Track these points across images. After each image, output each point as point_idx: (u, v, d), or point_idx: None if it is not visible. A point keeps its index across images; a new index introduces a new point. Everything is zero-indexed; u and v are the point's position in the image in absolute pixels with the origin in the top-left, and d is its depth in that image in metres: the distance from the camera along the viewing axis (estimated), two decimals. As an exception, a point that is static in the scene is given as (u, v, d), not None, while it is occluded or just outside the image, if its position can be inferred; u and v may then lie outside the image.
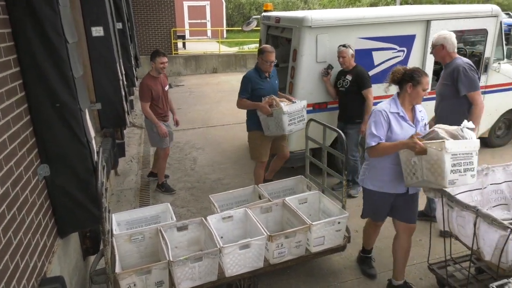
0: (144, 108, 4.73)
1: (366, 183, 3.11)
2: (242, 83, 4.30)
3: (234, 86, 11.50)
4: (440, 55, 3.75)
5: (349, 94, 4.58)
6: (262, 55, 4.20)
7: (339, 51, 4.52)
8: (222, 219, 3.33)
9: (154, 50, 4.80)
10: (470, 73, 3.58)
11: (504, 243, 2.47)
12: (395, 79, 2.92)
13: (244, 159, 6.14)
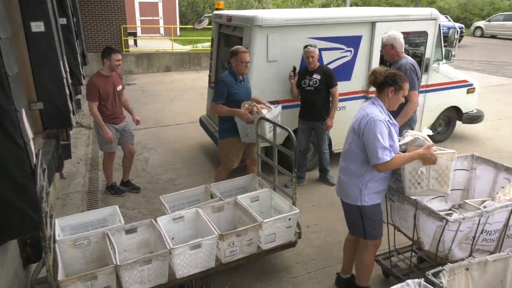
0: (91, 108, 4.47)
1: (364, 201, 2.79)
2: (217, 87, 4.10)
3: (188, 85, 11.38)
4: (389, 54, 4.04)
5: (318, 93, 4.71)
6: (236, 56, 4.00)
7: (308, 51, 4.60)
8: (173, 220, 3.28)
9: (105, 47, 4.55)
10: (410, 73, 3.89)
11: (440, 233, 2.63)
12: (377, 81, 2.74)
13: (197, 158, 6.08)
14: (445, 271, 2.06)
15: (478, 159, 3.47)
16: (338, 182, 2.97)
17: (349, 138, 2.82)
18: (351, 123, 2.83)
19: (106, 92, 4.44)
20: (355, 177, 2.79)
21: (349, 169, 2.82)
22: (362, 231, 2.92)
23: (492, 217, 2.69)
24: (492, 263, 2.24)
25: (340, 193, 2.95)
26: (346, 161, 2.86)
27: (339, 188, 2.96)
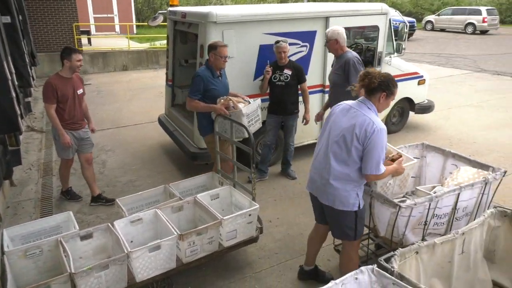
0: (48, 111, 4.15)
1: (361, 204, 2.74)
2: (194, 82, 3.96)
3: (146, 84, 11.12)
4: (333, 48, 4.25)
5: (289, 88, 4.77)
6: (215, 51, 3.88)
7: (281, 46, 4.63)
8: (131, 222, 3.20)
9: (65, 47, 4.25)
10: (358, 66, 4.12)
11: (394, 219, 2.73)
12: (371, 85, 2.61)
13: (157, 158, 5.97)
14: (397, 256, 2.14)
15: (427, 147, 3.63)
16: (327, 190, 2.73)
17: (349, 144, 2.59)
18: (346, 127, 2.62)
19: (64, 94, 4.14)
20: (354, 183, 2.67)
21: (350, 176, 2.64)
22: (353, 233, 2.81)
23: (441, 202, 2.83)
24: (440, 245, 2.35)
25: (333, 201, 2.72)
26: (344, 168, 2.64)
27: (331, 196, 2.72)
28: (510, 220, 2.71)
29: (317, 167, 2.84)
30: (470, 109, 8.36)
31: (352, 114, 2.64)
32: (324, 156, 2.76)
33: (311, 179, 2.92)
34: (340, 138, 2.64)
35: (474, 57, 15.39)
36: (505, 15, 28.86)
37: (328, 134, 2.76)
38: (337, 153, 2.66)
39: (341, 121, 2.68)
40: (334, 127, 2.72)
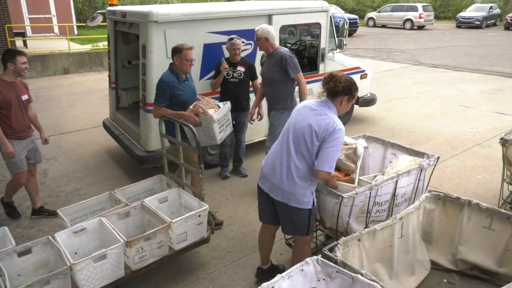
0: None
1: (315, 202, 2.80)
2: (159, 89, 3.75)
3: (90, 87, 10.66)
4: (264, 46, 4.36)
5: (242, 85, 4.80)
6: (180, 54, 3.71)
7: (235, 43, 4.62)
8: (74, 233, 3.06)
9: (7, 49, 3.92)
10: (294, 59, 4.31)
11: (338, 209, 2.82)
12: (336, 89, 2.66)
13: (104, 164, 5.75)
14: (340, 245, 2.22)
15: (369, 138, 3.79)
16: (283, 187, 2.74)
17: (308, 142, 2.63)
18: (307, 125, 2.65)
19: (7, 100, 3.80)
20: (309, 181, 2.72)
21: (306, 173, 2.69)
22: (306, 230, 2.85)
23: (381, 190, 2.96)
24: (380, 231, 2.47)
25: (288, 199, 2.74)
26: (305, 166, 2.68)
27: (286, 193, 2.74)
28: (444, 203, 2.90)
29: (272, 163, 2.82)
30: (410, 101, 8.83)
31: (313, 113, 2.69)
32: (285, 153, 2.75)
33: (265, 175, 2.88)
34: (300, 135, 2.68)
35: (413, 51, 16.27)
36: (439, 11, 30.76)
37: (288, 132, 2.77)
38: (298, 151, 2.69)
39: (302, 120, 2.71)
40: (295, 125, 2.74)
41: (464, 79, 10.86)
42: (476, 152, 5.90)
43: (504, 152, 3.79)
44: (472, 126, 7.02)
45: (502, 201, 4.16)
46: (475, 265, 2.78)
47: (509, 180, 3.92)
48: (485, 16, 24.98)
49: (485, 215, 2.70)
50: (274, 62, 4.30)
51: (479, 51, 15.78)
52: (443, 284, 2.73)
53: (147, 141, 4.79)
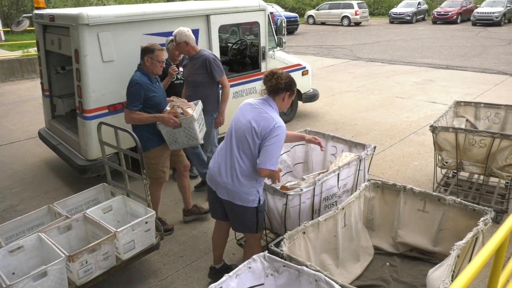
0: None
1: (261, 200, 2.80)
2: (132, 92, 3.52)
3: (23, 96, 9.99)
4: (185, 50, 4.23)
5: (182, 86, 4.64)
6: (151, 54, 3.52)
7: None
8: (10, 252, 2.86)
9: None
10: (218, 61, 4.29)
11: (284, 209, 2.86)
12: (278, 86, 2.69)
13: (42, 177, 5.43)
14: (285, 239, 2.26)
15: (310, 132, 3.90)
16: (228, 186, 2.74)
17: (249, 140, 2.65)
18: (247, 123, 2.66)
19: None
20: (254, 180, 2.72)
21: (250, 172, 2.69)
22: (255, 227, 2.85)
23: (326, 184, 3.06)
24: (324, 222, 2.56)
25: (234, 197, 2.74)
26: (249, 164, 2.68)
27: (231, 192, 2.74)
28: (382, 190, 3.06)
29: (218, 162, 2.83)
30: (351, 94, 9.20)
31: (254, 111, 2.70)
32: (229, 153, 2.76)
33: (211, 175, 2.88)
34: (242, 134, 2.69)
35: (351, 46, 16.96)
36: (373, 7, 32.31)
37: (231, 131, 2.78)
38: (240, 149, 2.70)
39: (243, 118, 2.73)
40: (238, 124, 2.74)
41: (398, 72, 11.51)
42: (412, 140, 6.28)
43: (435, 138, 4.07)
44: (408, 115, 7.46)
45: (437, 184, 4.48)
46: (413, 247, 2.97)
47: (440, 164, 4.22)
48: (414, 11, 26.61)
49: (419, 198, 2.89)
50: (199, 65, 4.21)
51: (411, 45, 16.80)
52: (386, 268, 2.88)
53: (88, 149, 4.58)
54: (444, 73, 11.16)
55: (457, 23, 24.61)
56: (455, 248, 2.13)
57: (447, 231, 2.78)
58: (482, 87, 9.24)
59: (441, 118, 4.32)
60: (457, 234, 2.66)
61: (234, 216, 2.90)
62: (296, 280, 2.01)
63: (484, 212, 2.55)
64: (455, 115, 4.83)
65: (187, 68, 4.37)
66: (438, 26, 24.23)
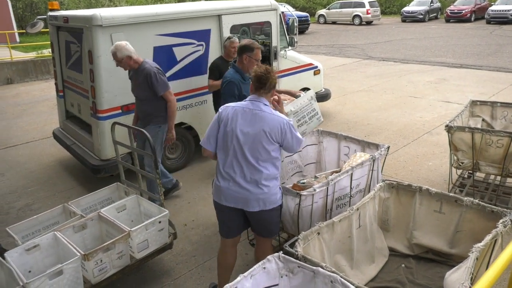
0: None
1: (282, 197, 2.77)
2: (227, 90, 3.61)
3: (37, 97, 10.14)
4: (129, 65, 3.96)
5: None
6: (251, 53, 3.57)
7: (234, 41, 4.49)
8: (26, 251, 2.90)
9: None
10: (160, 76, 3.95)
11: (298, 209, 2.85)
12: (275, 82, 2.71)
13: (57, 176, 5.49)
14: (300, 240, 2.25)
15: (323, 132, 3.87)
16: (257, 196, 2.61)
17: (266, 146, 2.57)
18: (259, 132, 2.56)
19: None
20: (275, 179, 2.68)
21: (275, 173, 2.67)
22: (277, 228, 2.82)
23: (338, 184, 3.03)
24: (338, 223, 2.53)
25: (264, 204, 2.63)
26: (271, 167, 2.62)
27: (261, 201, 2.62)
28: (397, 191, 3.02)
29: (233, 177, 2.64)
30: (363, 94, 9.12)
31: (256, 117, 2.60)
32: (244, 167, 2.61)
33: (231, 193, 2.65)
34: (256, 142, 2.57)
35: (363, 46, 16.82)
36: (385, 6, 32.00)
37: (234, 141, 2.61)
38: (258, 158, 2.59)
39: (247, 126, 2.59)
40: (241, 132, 2.59)
41: (411, 71, 11.37)
42: (426, 140, 6.20)
43: (450, 138, 4.00)
44: (421, 115, 7.37)
45: (452, 185, 4.41)
46: (429, 248, 2.92)
47: (456, 164, 4.15)
48: (427, 10, 26.27)
49: (435, 199, 2.85)
50: (142, 80, 3.96)
51: (424, 44, 16.59)
52: (401, 269, 2.84)
53: (101, 149, 4.63)
54: (458, 72, 11.00)
55: (471, 21, 24.23)
56: (473, 251, 2.09)
57: (464, 233, 2.73)
58: (497, 86, 9.08)
59: (457, 118, 4.25)
60: (475, 236, 2.61)
61: (262, 224, 2.76)
62: (311, 281, 1.99)
63: (503, 213, 2.50)
64: (470, 114, 4.75)
65: (132, 80, 4.17)
66: (452, 24, 23.89)
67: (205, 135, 2.75)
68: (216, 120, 2.70)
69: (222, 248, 2.96)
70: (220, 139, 2.68)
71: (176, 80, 4.95)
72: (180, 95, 5.06)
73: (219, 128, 2.67)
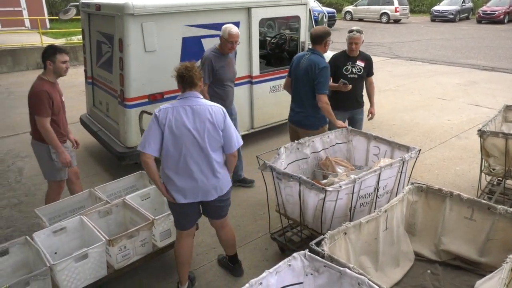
0: (44, 126, 3.36)
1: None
2: (326, 74, 3.78)
3: (65, 82, 10.25)
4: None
5: (360, 81, 4.52)
6: (329, 37, 3.90)
7: (353, 36, 4.30)
8: (53, 233, 2.97)
9: (48, 46, 3.59)
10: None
11: (322, 204, 2.81)
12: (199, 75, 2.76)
13: (82, 161, 5.57)
14: (326, 239, 2.21)
15: (352, 131, 3.81)
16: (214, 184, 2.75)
17: (215, 134, 2.67)
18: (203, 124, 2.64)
19: (57, 104, 3.48)
20: (224, 164, 2.85)
21: (223, 161, 2.82)
22: (228, 207, 3.04)
23: (365, 183, 2.97)
24: (365, 224, 2.48)
25: (221, 189, 2.81)
26: (220, 155, 2.77)
27: (219, 188, 2.79)
28: (426, 194, 2.94)
29: (190, 174, 2.69)
30: (389, 93, 8.94)
31: (197, 110, 2.65)
32: (198, 158, 2.67)
33: (188, 189, 2.73)
34: (206, 134, 2.64)
35: (390, 44, 16.49)
36: (414, 5, 31.23)
37: (185, 139, 2.63)
38: (210, 148, 2.68)
39: (193, 121, 2.63)
40: (189, 129, 2.62)
41: (440, 72, 11.08)
42: (454, 144, 6.03)
43: (482, 143, 3.88)
44: (449, 118, 7.17)
45: (481, 192, 4.27)
46: (457, 256, 2.84)
47: (486, 170, 4.02)
48: (458, 9, 25.51)
49: (466, 206, 2.76)
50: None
51: (454, 44, 16.13)
52: (427, 275, 2.77)
53: (127, 137, 4.68)
54: (489, 75, 10.65)
55: (504, 23, 23.39)
56: (508, 261, 2.01)
57: (495, 242, 2.64)
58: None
59: (490, 123, 4.11)
60: (507, 245, 2.52)
61: (220, 208, 2.95)
62: (337, 282, 1.96)
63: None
64: (504, 120, 4.58)
65: (230, 65, 4.32)
66: (483, 25, 23.13)
67: (142, 140, 2.69)
68: (156, 123, 2.63)
69: (179, 239, 2.99)
70: (167, 141, 2.63)
71: (203, 72, 4.95)
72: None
73: (162, 131, 2.63)
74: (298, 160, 3.60)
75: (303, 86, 3.90)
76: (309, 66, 3.81)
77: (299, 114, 4.00)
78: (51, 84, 3.54)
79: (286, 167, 3.40)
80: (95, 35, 5.32)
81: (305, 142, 3.61)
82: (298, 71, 3.95)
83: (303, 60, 3.92)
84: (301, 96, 3.96)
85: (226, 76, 4.24)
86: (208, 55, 4.13)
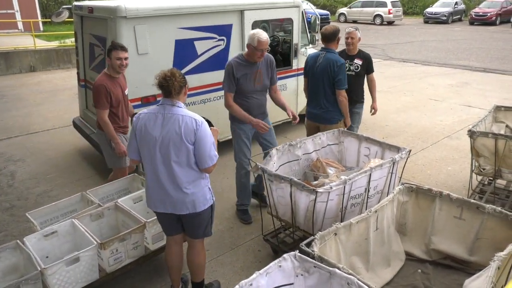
0: (102, 118, 3.68)
1: (212, 195, 2.79)
2: (344, 73, 4.05)
3: (58, 85, 10.31)
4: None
5: (358, 78, 4.70)
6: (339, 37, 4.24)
7: (350, 31, 4.53)
8: (44, 236, 2.96)
9: (112, 42, 3.83)
10: None
11: (313, 205, 2.83)
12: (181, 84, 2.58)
13: (75, 164, 5.58)
14: (317, 240, 2.23)
15: (343, 133, 3.84)
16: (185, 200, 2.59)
17: (182, 148, 2.49)
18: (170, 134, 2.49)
19: (116, 97, 3.75)
20: (204, 179, 2.66)
21: (198, 177, 2.61)
22: (210, 228, 2.86)
23: (355, 183, 2.99)
24: (356, 224, 2.50)
25: (194, 207, 2.63)
26: (191, 171, 2.57)
27: (190, 204, 2.61)
28: (416, 195, 2.97)
29: (158, 185, 2.60)
30: (381, 95, 8.94)
31: (166, 120, 2.52)
32: (164, 171, 2.56)
33: (157, 199, 2.65)
34: (170, 146, 2.50)
35: (383, 46, 16.58)
36: (408, 6, 31.45)
37: (152, 147, 2.54)
38: (177, 162, 2.53)
39: (157, 131, 2.52)
40: (156, 137, 2.52)
41: (432, 73, 11.16)
42: (445, 144, 6.08)
43: (472, 143, 3.92)
44: (441, 118, 7.23)
45: (472, 191, 4.31)
46: (447, 255, 2.87)
47: (477, 171, 4.06)
48: (451, 11, 25.72)
49: (455, 205, 2.79)
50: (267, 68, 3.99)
51: (446, 46, 16.26)
52: (418, 275, 2.79)
53: (120, 140, 4.67)
54: (481, 76, 10.75)
55: (496, 24, 23.64)
56: (495, 259, 2.04)
57: (484, 241, 2.67)
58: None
59: (480, 123, 4.16)
60: (495, 244, 2.54)
61: (195, 225, 2.77)
62: (327, 282, 1.97)
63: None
64: (494, 120, 4.64)
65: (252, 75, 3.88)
66: (476, 27, 23.34)
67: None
68: (132, 129, 2.64)
69: (167, 244, 2.94)
70: (141, 147, 2.61)
71: (196, 74, 4.96)
72: (198, 89, 5.08)
73: (136, 137, 2.61)
74: (289, 162, 3.62)
75: (322, 84, 4.12)
76: (328, 64, 4.03)
77: (319, 110, 4.20)
78: (111, 79, 3.77)
79: (277, 168, 3.42)
80: (88, 38, 5.31)
81: (297, 144, 3.63)
82: (315, 70, 4.17)
83: (319, 59, 4.15)
84: (319, 93, 4.16)
85: (249, 87, 3.78)
86: (230, 61, 3.80)
